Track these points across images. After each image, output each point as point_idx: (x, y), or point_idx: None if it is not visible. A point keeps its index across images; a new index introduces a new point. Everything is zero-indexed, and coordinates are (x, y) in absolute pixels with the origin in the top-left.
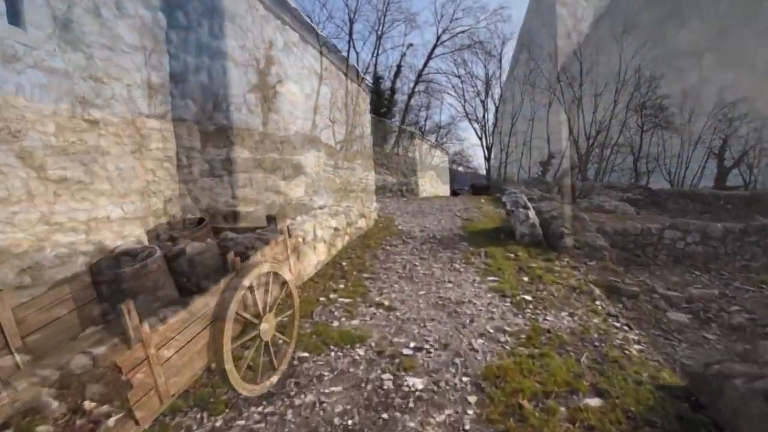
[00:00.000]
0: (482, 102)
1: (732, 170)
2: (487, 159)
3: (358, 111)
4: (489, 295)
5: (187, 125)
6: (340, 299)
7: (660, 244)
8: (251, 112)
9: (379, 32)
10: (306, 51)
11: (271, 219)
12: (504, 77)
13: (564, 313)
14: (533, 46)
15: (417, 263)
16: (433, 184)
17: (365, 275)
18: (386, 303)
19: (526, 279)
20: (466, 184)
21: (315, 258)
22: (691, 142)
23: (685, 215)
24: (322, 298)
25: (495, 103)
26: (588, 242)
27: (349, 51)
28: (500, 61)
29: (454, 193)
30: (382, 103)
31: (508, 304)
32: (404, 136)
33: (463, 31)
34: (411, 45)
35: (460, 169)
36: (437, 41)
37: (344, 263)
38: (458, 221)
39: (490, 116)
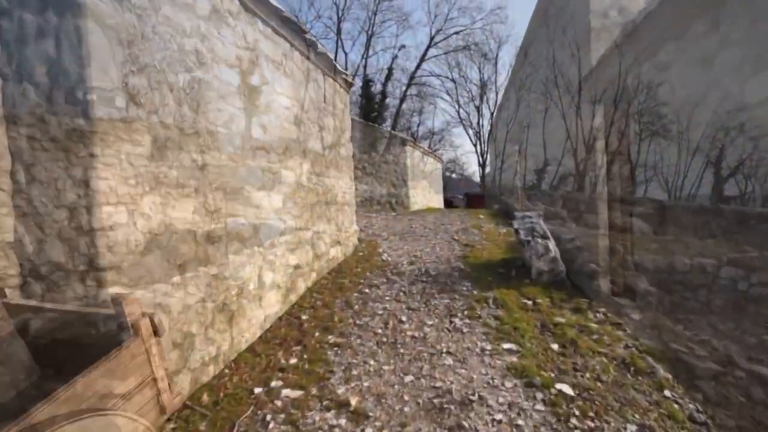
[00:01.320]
0: (477, 108)
1: (728, 180)
2: (482, 166)
3: (333, 110)
4: (508, 383)
5: (25, 125)
6: (285, 390)
7: (715, 284)
8: (137, 104)
9: (370, 32)
10: (251, 25)
11: (117, 302)
12: (500, 81)
13: (632, 427)
14: (532, 51)
15: (404, 317)
16: (425, 195)
17: (330, 339)
18: (353, 402)
19: (555, 347)
20: (459, 192)
21: (261, 313)
22: (689, 151)
23: (712, 236)
24: (258, 389)
25: (490, 109)
26: (628, 284)
27: (336, 51)
28: (495, 64)
29: (449, 202)
30: (372, 108)
31: (540, 405)
32: (395, 142)
33: (457, 32)
34: (403, 46)
35: (454, 176)
36: (430, 42)
37: (304, 317)
38: (456, 248)
39: (485, 122)
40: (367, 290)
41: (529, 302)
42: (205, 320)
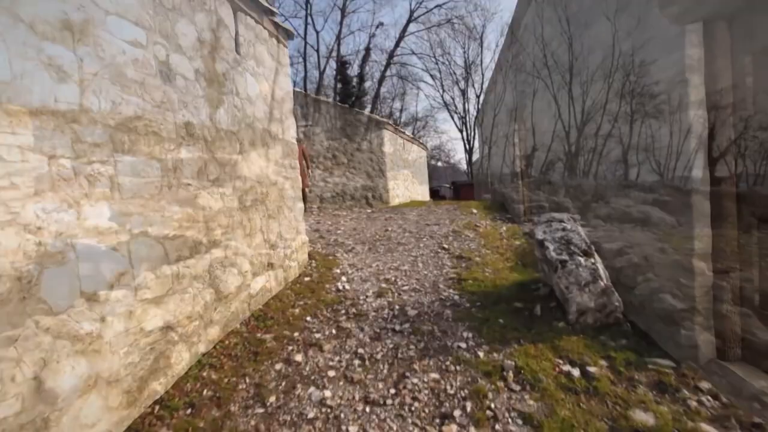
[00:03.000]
0: (462, 91)
1: (719, 161)
2: (468, 152)
3: (257, 68)
4: None
5: None
6: None
7: None
8: None
9: (343, 6)
10: None
11: None
12: (486, 62)
13: None
14: (519, 28)
15: (354, 428)
16: (408, 187)
17: None
18: None
19: None
20: (445, 181)
21: None
22: (681, 132)
23: (755, 228)
24: None
25: (476, 92)
26: (742, 336)
27: (306, 28)
28: (481, 44)
29: (435, 192)
30: (349, 92)
31: None
32: (370, 125)
33: (439, 5)
34: (381, 24)
35: (440, 164)
36: (410, 16)
37: None
38: (447, 262)
39: (471, 107)
40: (299, 357)
41: (576, 372)
42: None
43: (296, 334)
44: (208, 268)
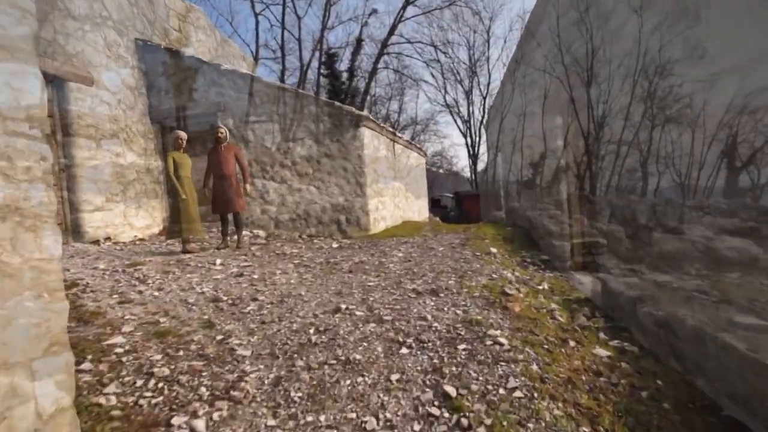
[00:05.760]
0: (466, 92)
1: (742, 171)
2: (473, 158)
3: None
4: None
5: None
6: None
7: None
8: None
9: None
10: None
11: None
12: (493, 60)
13: None
14: (534, 25)
15: None
16: (399, 204)
17: None
18: None
19: None
20: (447, 190)
21: None
22: (705, 140)
23: None
24: None
25: (482, 93)
26: None
27: (284, 12)
28: (488, 39)
29: (436, 202)
30: (338, 89)
31: None
32: (344, 122)
33: None
34: (375, 11)
35: (441, 171)
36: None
37: None
38: None
39: (476, 110)
40: None
41: None
42: None
43: None
44: None
